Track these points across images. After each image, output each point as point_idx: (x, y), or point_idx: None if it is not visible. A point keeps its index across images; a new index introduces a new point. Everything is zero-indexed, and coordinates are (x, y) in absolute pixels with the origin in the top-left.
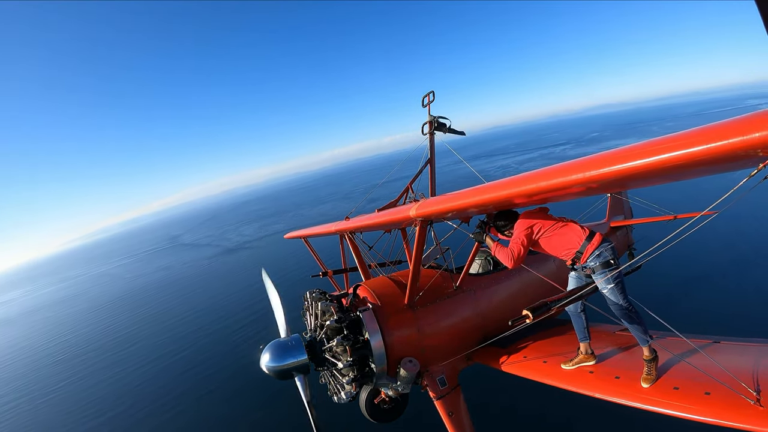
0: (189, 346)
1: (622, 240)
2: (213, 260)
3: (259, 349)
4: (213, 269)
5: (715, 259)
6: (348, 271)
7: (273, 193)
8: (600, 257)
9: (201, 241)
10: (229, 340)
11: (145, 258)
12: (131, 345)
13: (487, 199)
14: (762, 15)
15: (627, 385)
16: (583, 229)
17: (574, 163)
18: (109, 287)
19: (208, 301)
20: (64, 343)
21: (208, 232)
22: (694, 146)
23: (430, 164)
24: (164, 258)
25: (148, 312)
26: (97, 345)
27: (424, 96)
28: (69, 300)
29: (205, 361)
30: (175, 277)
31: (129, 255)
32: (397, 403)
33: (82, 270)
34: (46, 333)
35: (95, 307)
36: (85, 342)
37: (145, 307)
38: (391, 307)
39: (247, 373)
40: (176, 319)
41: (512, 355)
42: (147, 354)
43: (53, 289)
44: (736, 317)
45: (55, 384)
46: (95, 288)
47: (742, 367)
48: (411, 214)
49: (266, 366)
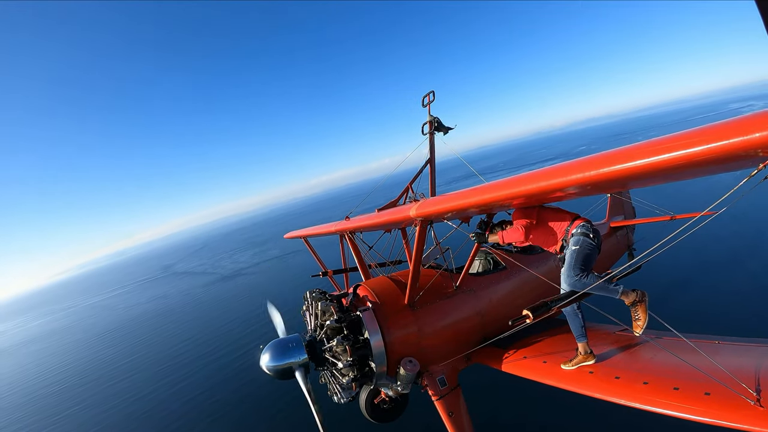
0: (192, 374)
1: (622, 240)
2: (210, 287)
3: (259, 349)
4: (210, 296)
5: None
6: (348, 271)
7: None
8: (574, 236)
9: (195, 269)
10: (233, 366)
11: (138, 288)
12: (131, 375)
13: (487, 199)
14: (762, 15)
15: (627, 385)
16: (569, 218)
17: (574, 163)
18: (103, 318)
19: (207, 328)
20: (62, 374)
21: (201, 260)
22: (694, 146)
23: (430, 164)
24: (158, 287)
25: (146, 341)
26: (96, 375)
27: (424, 96)
28: (62, 331)
29: (211, 388)
30: (172, 306)
31: (121, 285)
32: (397, 403)
33: (73, 301)
34: (42, 364)
35: (90, 338)
36: (83, 373)
37: (142, 336)
38: (391, 307)
39: (254, 399)
40: (176, 348)
41: (512, 355)
42: (148, 383)
43: (45, 320)
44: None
45: (56, 414)
46: (89, 319)
47: (742, 367)
48: (411, 214)
49: (266, 365)
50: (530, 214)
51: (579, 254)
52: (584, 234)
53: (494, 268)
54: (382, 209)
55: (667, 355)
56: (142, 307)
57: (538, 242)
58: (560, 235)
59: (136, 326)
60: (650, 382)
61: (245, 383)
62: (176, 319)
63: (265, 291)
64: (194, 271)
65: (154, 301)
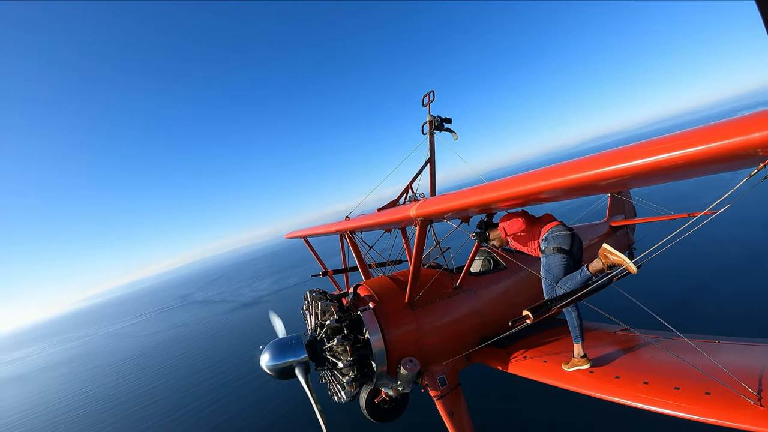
0: (218, 399)
1: (622, 239)
2: (230, 315)
3: (259, 349)
4: (232, 323)
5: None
6: (348, 270)
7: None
8: (547, 241)
9: (214, 298)
10: (260, 392)
11: (157, 316)
12: (156, 400)
13: (487, 199)
14: (762, 15)
15: (627, 385)
16: (545, 221)
17: (574, 162)
18: (122, 345)
19: (230, 354)
20: (86, 399)
21: (219, 289)
22: (694, 146)
23: (430, 164)
24: (177, 316)
25: (169, 368)
26: (121, 400)
27: (424, 96)
28: (82, 358)
29: (238, 413)
30: (192, 333)
31: (138, 314)
32: (398, 403)
33: (91, 330)
34: (62, 389)
35: (110, 364)
36: (108, 398)
37: (164, 363)
38: (392, 307)
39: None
40: (200, 374)
41: (512, 354)
42: (172, 409)
43: (64, 347)
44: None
45: None
46: (109, 346)
47: (743, 367)
48: (411, 214)
49: (266, 365)
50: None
51: (548, 274)
52: (553, 250)
53: (494, 268)
54: (382, 209)
55: (667, 354)
56: (163, 335)
57: (518, 246)
58: (534, 239)
59: (158, 353)
60: (650, 382)
61: (274, 408)
62: (198, 346)
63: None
64: (213, 299)
65: (174, 329)
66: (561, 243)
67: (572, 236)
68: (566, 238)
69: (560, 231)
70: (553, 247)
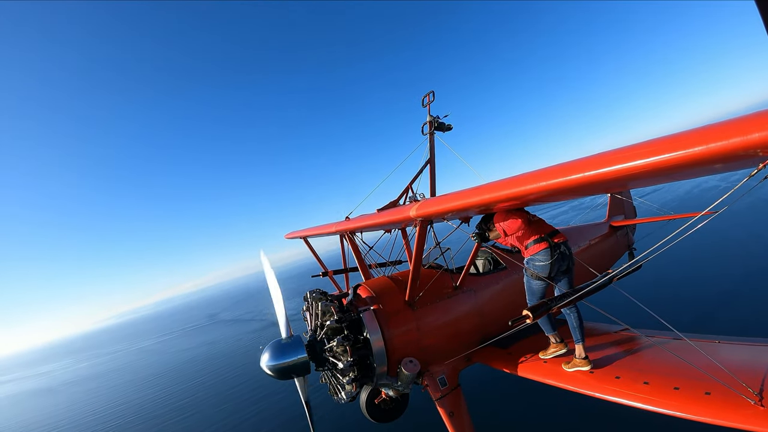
0: (252, 416)
1: (622, 240)
2: (260, 333)
3: (260, 350)
4: (262, 341)
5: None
6: (348, 271)
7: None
8: (528, 265)
9: (243, 317)
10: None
11: (185, 334)
12: (188, 415)
13: (487, 199)
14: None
15: (627, 385)
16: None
17: (574, 163)
18: (152, 361)
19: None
20: (121, 411)
21: (247, 308)
22: (694, 146)
23: (430, 164)
24: (206, 334)
25: (201, 383)
26: (157, 413)
27: (424, 96)
28: (111, 372)
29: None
30: (223, 351)
31: (166, 332)
32: (398, 404)
33: (120, 346)
34: (92, 402)
35: (141, 379)
36: (143, 410)
37: (196, 379)
38: (392, 307)
39: None
40: (232, 391)
41: (512, 355)
42: (207, 424)
43: (92, 363)
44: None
45: None
46: (137, 362)
47: (743, 367)
48: (411, 214)
49: (266, 365)
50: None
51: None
52: (531, 276)
53: (494, 268)
54: (382, 209)
55: (667, 355)
56: (193, 352)
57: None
58: (522, 246)
59: (189, 369)
60: (650, 382)
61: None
62: (229, 363)
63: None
64: (242, 318)
65: (204, 347)
66: (540, 271)
67: (550, 265)
68: (545, 269)
69: (540, 261)
70: (531, 273)
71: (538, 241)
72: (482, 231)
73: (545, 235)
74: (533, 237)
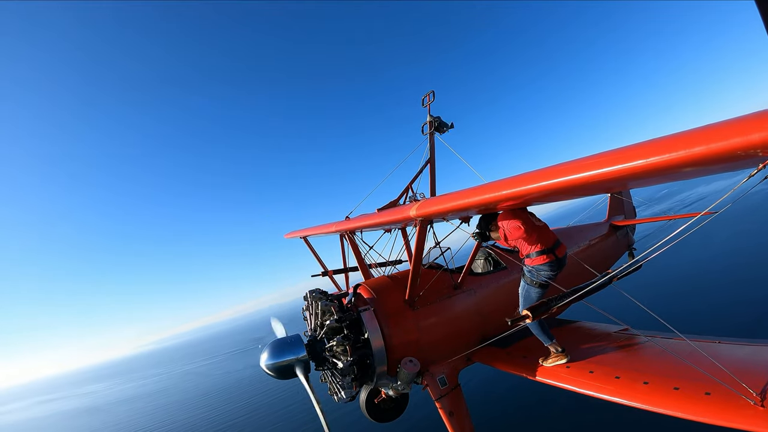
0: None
1: (622, 240)
2: None
3: (259, 350)
4: None
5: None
6: (348, 270)
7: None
8: (531, 274)
9: None
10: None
11: (230, 358)
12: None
13: (488, 198)
14: (762, 15)
15: (627, 385)
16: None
17: (574, 163)
18: (198, 383)
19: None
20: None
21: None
22: (694, 146)
23: (430, 164)
24: (251, 357)
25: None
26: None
27: (424, 96)
28: (157, 393)
29: None
30: None
31: (211, 356)
32: (398, 403)
33: (164, 369)
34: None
35: (188, 399)
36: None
37: (245, 400)
38: (392, 307)
39: None
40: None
41: (512, 354)
42: None
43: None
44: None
45: None
46: (183, 383)
47: (743, 367)
48: (411, 214)
49: (265, 364)
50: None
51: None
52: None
53: (494, 268)
54: (382, 209)
55: (667, 355)
56: (239, 374)
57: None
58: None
59: (237, 391)
60: (650, 382)
61: None
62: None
63: None
64: None
65: (250, 369)
66: (542, 279)
67: (554, 278)
68: (548, 281)
69: (544, 271)
70: (532, 280)
71: (541, 253)
72: (483, 230)
73: (549, 248)
74: (536, 247)
